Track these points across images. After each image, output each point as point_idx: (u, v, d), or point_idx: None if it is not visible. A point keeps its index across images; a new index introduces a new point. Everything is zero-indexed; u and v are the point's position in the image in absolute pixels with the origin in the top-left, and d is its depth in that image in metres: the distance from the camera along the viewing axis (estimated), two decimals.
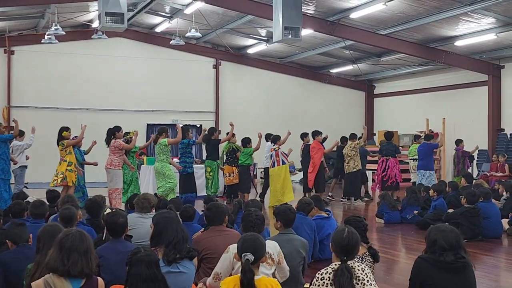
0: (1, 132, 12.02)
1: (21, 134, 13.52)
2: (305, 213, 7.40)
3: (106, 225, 5.18)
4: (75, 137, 12.39)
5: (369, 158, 16.50)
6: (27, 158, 13.87)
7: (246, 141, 14.46)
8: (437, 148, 15.07)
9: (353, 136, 15.04)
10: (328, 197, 15.13)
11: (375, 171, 15.92)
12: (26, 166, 13.84)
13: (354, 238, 4.12)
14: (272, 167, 13.82)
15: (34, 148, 14.16)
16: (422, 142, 14.89)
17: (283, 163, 13.80)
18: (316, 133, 14.70)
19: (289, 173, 14.11)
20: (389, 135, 15.05)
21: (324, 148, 14.68)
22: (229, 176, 14.45)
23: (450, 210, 10.38)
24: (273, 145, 14.09)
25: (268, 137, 14.84)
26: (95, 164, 13.12)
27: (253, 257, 4.09)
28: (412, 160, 15.83)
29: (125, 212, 7.87)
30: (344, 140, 15.47)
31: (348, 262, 4.01)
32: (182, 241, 4.71)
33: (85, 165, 13.12)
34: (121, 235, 5.12)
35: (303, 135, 15.18)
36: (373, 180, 15.39)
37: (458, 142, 16.78)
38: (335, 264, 4.03)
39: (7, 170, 11.86)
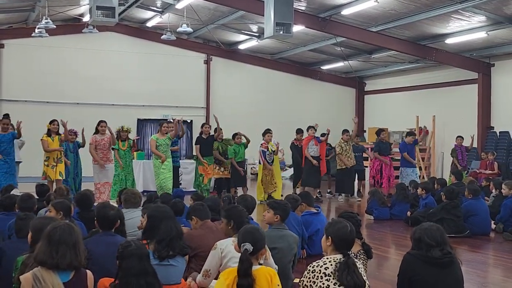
0: (3, 128, 11.94)
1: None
2: (292, 209, 7.41)
3: (97, 217, 5.15)
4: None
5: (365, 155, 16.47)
6: None
7: (234, 135, 14.44)
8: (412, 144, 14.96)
9: (345, 131, 15.07)
10: (327, 193, 15.30)
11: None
12: (19, 162, 13.72)
13: (354, 232, 4.24)
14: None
15: (25, 142, 14.08)
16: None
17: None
18: (308, 128, 14.82)
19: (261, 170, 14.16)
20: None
21: (318, 142, 14.70)
22: (219, 169, 14.33)
23: None
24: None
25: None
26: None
27: (252, 248, 4.12)
28: None
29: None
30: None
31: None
32: (176, 239, 4.74)
33: (80, 160, 13.05)
34: (111, 228, 5.10)
35: (297, 131, 15.15)
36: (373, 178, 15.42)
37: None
38: (332, 258, 4.04)
39: (1, 164, 11.69)
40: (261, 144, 14.03)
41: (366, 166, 17.32)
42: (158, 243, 4.68)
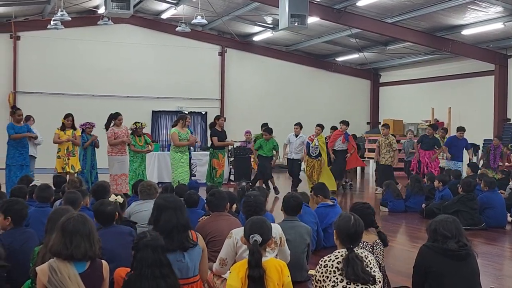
0: (17, 120, 12.03)
1: (27, 119, 13.50)
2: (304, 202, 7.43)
3: (95, 214, 5.14)
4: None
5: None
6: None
7: (270, 131, 14.46)
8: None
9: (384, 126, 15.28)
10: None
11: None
12: (34, 157, 13.81)
13: (361, 225, 4.14)
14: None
15: (40, 134, 14.16)
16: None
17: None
18: (341, 122, 14.99)
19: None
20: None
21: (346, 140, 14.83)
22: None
23: None
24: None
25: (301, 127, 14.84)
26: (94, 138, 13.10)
27: (261, 239, 4.13)
28: None
29: (130, 197, 7.96)
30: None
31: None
32: (176, 231, 4.56)
33: (96, 152, 13.11)
34: (111, 223, 5.11)
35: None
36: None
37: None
38: (339, 252, 4.04)
39: (13, 155, 11.79)
40: (309, 136, 14.20)
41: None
42: (160, 235, 4.66)
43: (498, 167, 14.81)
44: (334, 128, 15.40)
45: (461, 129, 14.79)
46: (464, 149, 14.94)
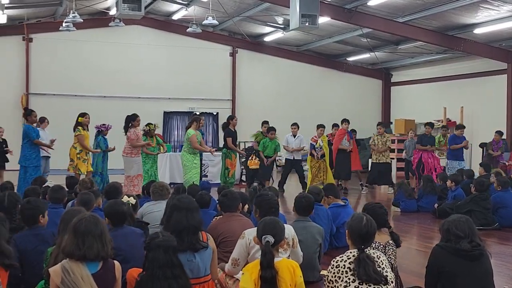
0: (33, 121, 12.13)
1: (41, 121, 13.60)
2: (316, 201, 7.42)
3: (107, 214, 5.14)
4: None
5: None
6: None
7: (269, 130, 14.42)
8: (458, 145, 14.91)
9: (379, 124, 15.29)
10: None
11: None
12: (48, 157, 13.90)
13: (373, 226, 4.13)
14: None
15: (52, 136, 14.24)
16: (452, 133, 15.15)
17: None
18: (342, 121, 14.91)
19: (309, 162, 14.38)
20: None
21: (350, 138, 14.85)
22: (254, 159, 14.45)
23: None
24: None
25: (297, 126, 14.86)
26: (112, 149, 13.09)
27: (273, 240, 4.13)
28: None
29: (142, 198, 7.98)
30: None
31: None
32: (186, 232, 4.56)
33: (107, 154, 13.13)
34: (123, 223, 5.13)
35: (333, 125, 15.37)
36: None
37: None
38: (350, 252, 4.03)
39: (29, 157, 11.85)
40: (312, 138, 14.18)
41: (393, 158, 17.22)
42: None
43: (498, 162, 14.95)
44: (336, 126, 15.28)
45: (460, 127, 14.80)
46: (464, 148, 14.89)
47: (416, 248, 8.42)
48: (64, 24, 17.61)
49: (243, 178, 16.39)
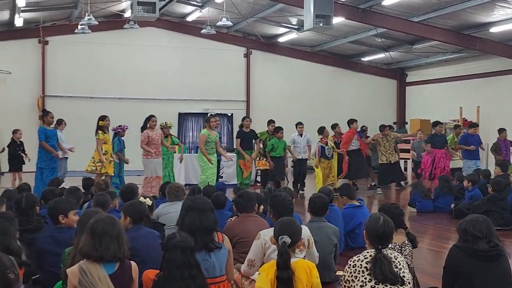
0: (49, 122, 12.22)
1: (59, 123, 13.71)
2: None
3: (126, 209, 5.24)
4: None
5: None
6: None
7: (278, 130, 14.37)
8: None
9: (381, 128, 15.27)
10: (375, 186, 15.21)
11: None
12: (66, 158, 14.01)
13: (390, 226, 4.11)
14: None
15: (68, 137, 14.36)
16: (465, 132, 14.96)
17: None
18: (350, 122, 14.77)
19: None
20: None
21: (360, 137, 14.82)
22: (266, 160, 14.37)
23: None
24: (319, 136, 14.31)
25: (295, 126, 14.84)
26: (127, 161, 13.10)
27: (290, 240, 4.13)
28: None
29: (158, 200, 8.01)
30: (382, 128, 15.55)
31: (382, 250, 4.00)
32: (199, 233, 4.56)
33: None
34: (141, 221, 5.18)
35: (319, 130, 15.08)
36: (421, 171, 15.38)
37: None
38: (368, 252, 4.02)
39: (48, 160, 11.93)
40: (320, 140, 14.11)
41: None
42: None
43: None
44: (334, 127, 14.93)
45: (474, 126, 14.66)
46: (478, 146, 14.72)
47: (433, 249, 8.36)
48: (79, 27, 17.73)
49: (258, 179, 16.38)
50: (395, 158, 14.87)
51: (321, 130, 14.16)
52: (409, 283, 3.95)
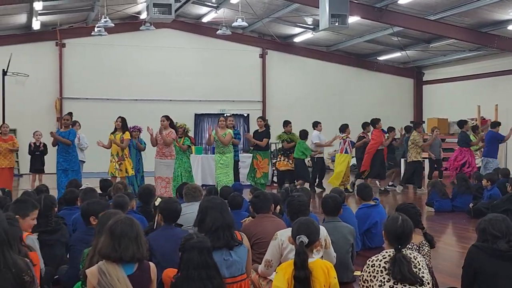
0: (66, 125, 12.32)
1: (73, 124, 13.79)
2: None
3: (161, 211, 5.33)
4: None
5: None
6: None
7: (305, 134, 14.36)
8: (502, 140, 14.69)
9: (417, 126, 15.16)
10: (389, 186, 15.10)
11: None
12: (83, 161, 14.10)
13: (409, 226, 4.09)
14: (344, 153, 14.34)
15: (86, 139, 14.47)
16: (489, 130, 14.88)
17: (346, 152, 14.29)
18: (376, 121, 14.71)
19: (347, 163, 14.34)
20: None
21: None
22: (287, 161, 14.37)
23: None
24: (342, 134, 14.38)
25: (315, 125, 14.84)
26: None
27: (307, 240, 4.12)
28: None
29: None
30: (408, 129, 15.40)
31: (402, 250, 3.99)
32: (222, 229, 4.63)
33: (142, 155, 13.21)
34: (175, 221, 5.27)
35: (363, 125, 15.07)
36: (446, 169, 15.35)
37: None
38: (386, 252, 4.00)
39: (60, 162, 12.02)
40: (348, 136, 14.28)
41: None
42: (206, 234, 4.70)
43: None
44: (364, 126, 14.97)
45: (497, 124, 14.57)
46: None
47: (452, 249, 8.31)
48: (96, 29, 17.87)
49: (274, 179, 16.36)
50: (415, 158, 14.68)
51: (344, 128, 14.32)
52: (428, 283, 3.92)
